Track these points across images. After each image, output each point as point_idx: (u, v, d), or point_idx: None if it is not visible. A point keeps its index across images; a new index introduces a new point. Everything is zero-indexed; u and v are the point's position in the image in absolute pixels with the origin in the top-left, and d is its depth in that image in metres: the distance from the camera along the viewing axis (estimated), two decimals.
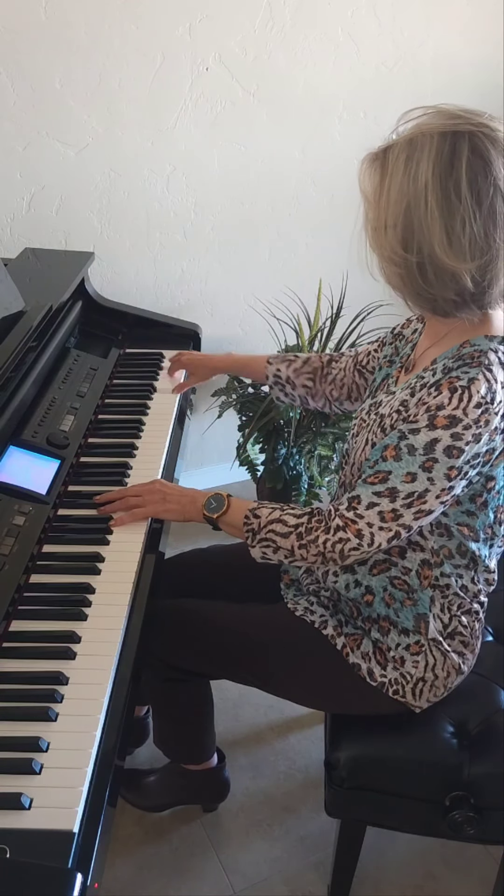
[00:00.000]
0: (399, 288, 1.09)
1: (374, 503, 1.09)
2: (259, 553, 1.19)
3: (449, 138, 0.99)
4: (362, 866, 1.40)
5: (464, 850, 1.55)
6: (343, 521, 1.11)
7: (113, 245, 2.16)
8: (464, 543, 1.16)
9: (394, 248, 1.04)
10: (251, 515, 1.19)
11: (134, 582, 1.16)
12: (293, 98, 2.22)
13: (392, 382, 1.27)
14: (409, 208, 1.02)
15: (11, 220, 2.00)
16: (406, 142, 1.03)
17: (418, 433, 1.06)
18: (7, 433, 1.30)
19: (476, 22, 2.36)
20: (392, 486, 1.07)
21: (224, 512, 1.22)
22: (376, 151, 1.07)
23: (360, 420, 1.26)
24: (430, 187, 1.00)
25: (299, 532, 1.14)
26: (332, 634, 1.23)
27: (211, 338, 2.39)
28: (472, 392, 1.03)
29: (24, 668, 0.98)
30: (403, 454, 1.07)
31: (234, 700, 1.86)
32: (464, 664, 1.23)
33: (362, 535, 1.10)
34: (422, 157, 1.00)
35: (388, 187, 1.04)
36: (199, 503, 1.25)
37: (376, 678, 1.20)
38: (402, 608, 1.20)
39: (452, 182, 0.99)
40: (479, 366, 1.05)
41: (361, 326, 2.21)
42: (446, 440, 1.04)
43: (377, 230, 1.07)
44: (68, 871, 0.76)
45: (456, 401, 1.03)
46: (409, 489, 1.06)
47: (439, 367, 1.10)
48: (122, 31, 1.92)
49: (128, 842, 1.56)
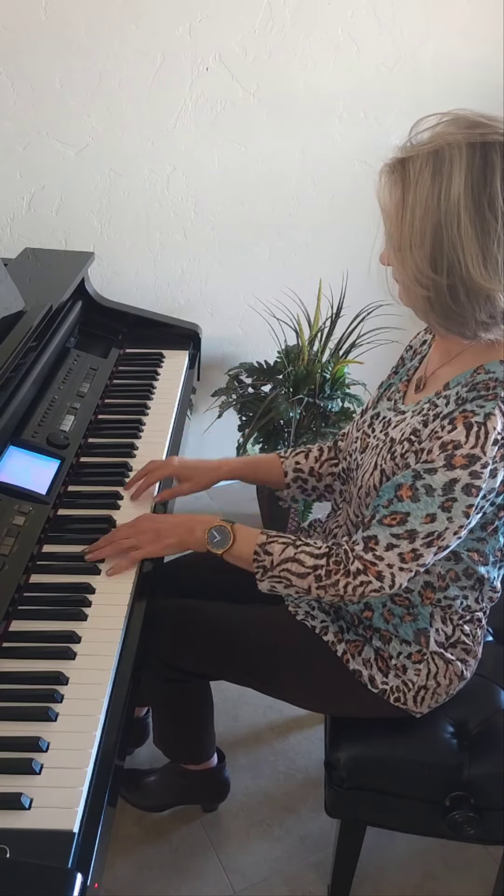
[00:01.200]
0: (425, 311, 1.03)
1: (393, 545, 1.06)
2: (267, 586, 1.15)
3: (479, 150, 0.93)
4: (362, 866, 1.40)
5: (464, 850, 1.55)
6: (363, 564, 1.08)
7: (113, 245, 2.16)
8: (472, 567, 1.15)
9: (420, 269, 0.98)
10: (262, 552, 1.14)
11: (134, 582, 1.16)
12: (293, 98, 2.21)
13: (399, 398, 1.22)
14: (438, 227, 0.95)
15: (11, 220, 2.00)
16: (430, 153, 0.96)
17: (435, 473, 1.02)
18: (7, 433, 1.30)
19: (476, 22, 2.35)
20: (411, 528, 1.04)
21: (231, 546, 1.16)
22: (393, 162, 1.00)
23: (363, 434, 1.23)
24: (462, 203, 0.94)
25: (318, 574, 1.10)
26: (332, 641, 1.22)
27: (211, 338, 2.39)
28: (488, 429, 0.99)
29: (24, 668, 0.98)
30: (421, 495, 1.03)
31: (233, 700, 1.86)
32: (466, 670, 1.22)
33: (383, 578, 1.07)
34: (452, 171, 0.94)
35: (412, 203, 0.97)
36: (199, 534, 1.18)
37: (378, 685, 1.20)
38: (402, 623, 1.20)
39: (487, 198, 0.93)
40: (494, 399, 1.01)
41: (361, 326, 2.21)
42: (465, 479, 1.01)
43: (401, 249, 1.00)
44: (68, 871, 0.76)
45: (473, 439, 1.00)
46: (429, 529, 1.04)
47: (452, 394, 1.07)
48: (122, 31, 1.92)
49: (128, 842, 1.56)
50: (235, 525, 1.18)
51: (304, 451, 1.41)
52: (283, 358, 2.24)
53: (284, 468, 1.40)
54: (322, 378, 2.19)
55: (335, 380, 2.22)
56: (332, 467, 1.39)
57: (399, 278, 1.05)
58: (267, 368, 2.28)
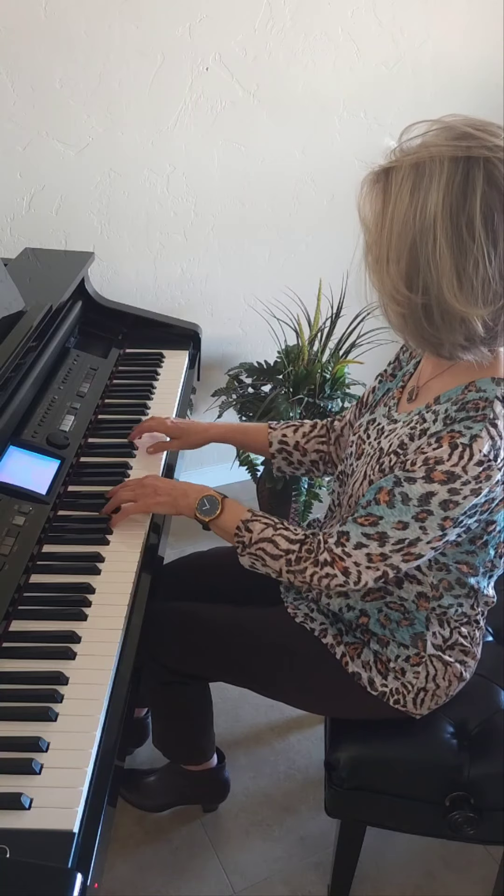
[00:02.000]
0: (401, 328, 1.01)
1: (362, 544, 1.06)
2: (248, 562, 1.19)
3: (461, 165, 0.89)
4: (362, 866, 1.40)
5: (464, 850, 1.55)
6: (331, 557, 1.09)
7: (113, 245, 2.16)
8: (463, 578, 1.15)
9: (396, 286, 0.96)
10: (243, 528, 1.17)
11: (134, 582, 1.16)
12: (293, 98, 2.21)
13: (393, 405, 1.21)
14: (414, 244, 0.92)
15: (11, 220, 2.00)
16: (412, 166, 0.92)
17: (414, 483, 1.01)
18: (7, 433, 1.29)
19: (476, 22, 2.35)
20: (382, 531, 1.05)
21: (217, 516, 1.20)
22: (377, 171, 0.97)
23: (360, 439, 1.23)
24: (439, 222, 0.90)
25: (289, 559, 1.14)
26: (331, 643, 1.22)
27: (211, 338, 2.39)
28: (473, 451, 0.97)
29: (24, 668, 0.98)
30: (397, 502, 1.03)
31: (234, 700, 1.86)
32: (465, 671, 1.22)
33: (349, 573, 1.08)
34: (430, 186, 0.90)
35: (390, 217, 0.94)
36: (192, 499, 1.22)
37: (377, 688, 1.19)
38: (399, 628, 1.20)
39: (465, 217, 0.89)
40: (483, 420, 0.98)
41: (361, 326, 2.21)
42: (443, 494, 0.99)
43: (378, 262, 0.98)
44: (68, 871, 0.76)
45: (456, 458, 0.98)
46: (400, 536, 1.04)
47: (441, 411, 1.05)
48: (122, 31, 1.92)
49: (128, 842, 1.56)
50: (227, 499, 1.21)
51: (295, 426, 1.43)
52: (283, 358, 2.24)
53: (270, 438, 1.43)
54: (322, 378, 2.19)
55: (335, 380, 2.22)
56: (320, 444, 1.41)
57: (377, 291, 1.02)
58: (267, 368, 2.28)
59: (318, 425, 1.42)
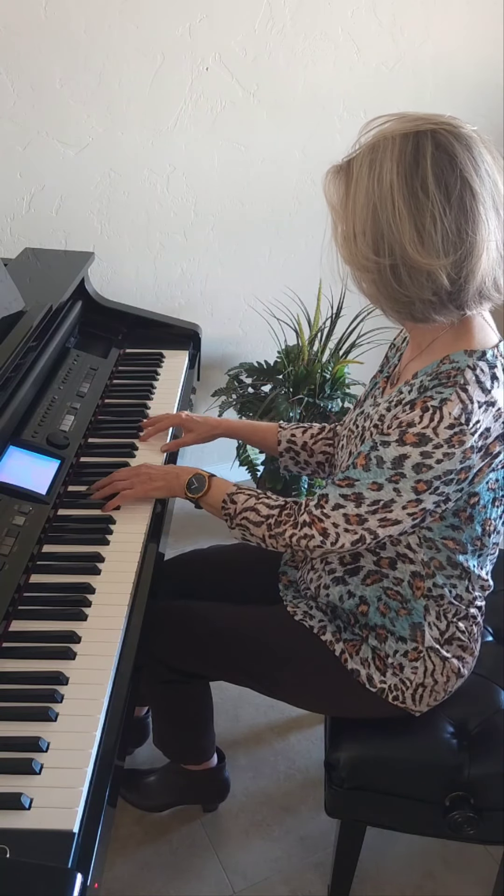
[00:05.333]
0: (374, 295, 1.07)
1: (340, 505, 1.10)
2: (239, 534, 1.24)
3: (412, 138, 0.98)
4: (362, 866, 1.40)
5: (464, 850, 1.55)
6: (310, 518, 1.13)
7: (113, 245, 2.16)
8: (452, 556, 1.16)
9: (365, 255, 1.02)
10: (229, 501, 1.23)
11: (134, 582, 1.16)
12: (293, 98, 2.22)
13: (378, 393, 1.26)
14: (376, 211, 1.00)
15: (11, 220, 2.00)
16: (368, 148, 1.02)
17: (388, 446, 1.06)
18: (7, 433, 1.30)
19: (476, 22, 2.35)
20: (358, 492, 1.08)
21: (205, 493, 1.26)
22: (340, 163, 1.06)
23: (349, 430, 1.26)
24: (395, 187, 0.98)
25: (269, 523, 1.18)
26: (330, 640, 1.23)
27: (211, 338, 2.39)
28: (443, 413, 1.02)
29: (24, 668, 0.98)
30: (372, 465, 1.07)
31: (234, 700, 1.86)
32: (463, 668, 1.22)
33: (327, 534, 1.11)
34: (384, 158, 0.99)
35: (353, 194, 1.03)
36: (182, 480, 1.28)
37: (376, 684, 1.20)
38: (398, 617, 1.20)
39: (419, 180, 0.97)
40: (453, 385, 1.03)
41: (361, 326, 2.21)
42: (415, 457, 1.03)
43: (347, 240, 1.05)
44: (68, 871, 0.76)
45: (427, 420, 1.02)
46: (375, 497, 1.07)
47: (417, 383, 1.09)
48: (122, 31, 1.92)
49: (128, 842, 1.56)
50: (214, 477, 1.28)
51: (305, 427, 1.48)
52: (283, 358, 2.24)
53: (279, 437, 1.48)
54: (322, 378, 2.19)
55: (335, 380, 2.22)
56: (326, 446, 1.45)
57: (348, 266, 1.08)
58: (267, 368, 2.28)
59: (326, 428, 1.47)
